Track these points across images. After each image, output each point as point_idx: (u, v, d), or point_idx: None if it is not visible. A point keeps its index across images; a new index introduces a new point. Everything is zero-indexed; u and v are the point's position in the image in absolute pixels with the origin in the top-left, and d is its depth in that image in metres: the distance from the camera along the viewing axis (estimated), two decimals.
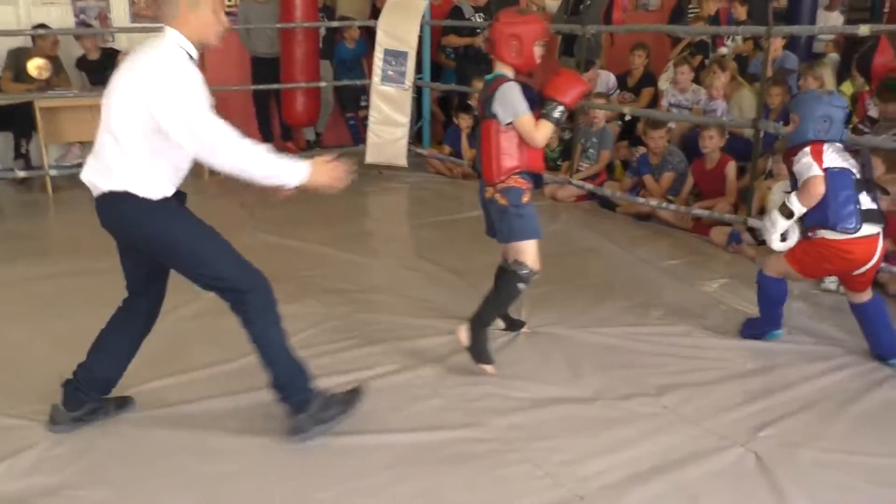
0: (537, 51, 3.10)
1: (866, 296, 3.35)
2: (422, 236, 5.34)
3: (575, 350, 3.46)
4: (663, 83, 6.96)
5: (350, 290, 4.15)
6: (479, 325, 3.21)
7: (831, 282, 4.15)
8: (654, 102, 6.86)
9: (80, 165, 2.70)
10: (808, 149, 3.17)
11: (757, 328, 3.57)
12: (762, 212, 4.82)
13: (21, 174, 6.31)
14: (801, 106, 3.28)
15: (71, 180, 6.55)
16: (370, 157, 6.96)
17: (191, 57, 2.48)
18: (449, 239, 5.08)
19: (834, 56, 7.90)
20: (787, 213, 3.18)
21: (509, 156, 3.11)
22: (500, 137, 3.10)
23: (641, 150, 5.85)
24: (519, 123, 3.07)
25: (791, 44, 7.27)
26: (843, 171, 3.16)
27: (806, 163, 3.14)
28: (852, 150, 3.37)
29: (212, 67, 6.75)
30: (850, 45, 8.23)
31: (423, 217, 5.74)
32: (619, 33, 7.81)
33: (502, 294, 3.26)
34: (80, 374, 2.75)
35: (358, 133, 7.66)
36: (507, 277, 3.24)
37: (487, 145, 3.14)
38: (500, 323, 3.54)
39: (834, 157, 3.16)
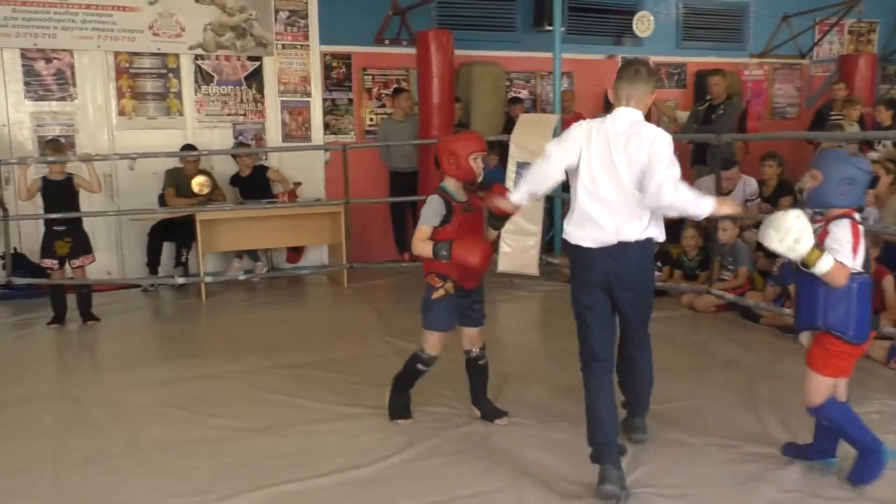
0: (474, 163, 3.50)
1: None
2: (552, 345, 5.28)
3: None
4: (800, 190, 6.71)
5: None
6: (393, 392, 3.79)
7: None
8: None
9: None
10: (849, 224, 2.95)
11: (868, 466, 3.06)
12: None
13: (180, 280, 6.84)
14: (825, 164, 3.06)
15: (221, 285, 7.06)
16: (502, 266, 7.03)
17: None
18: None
19: None
20: (809, 263, 2.90)
21: (429, 259, 3.53)
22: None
23: (784, 259, 5.59)
24: (417, 231, 3.55)
25: None
26: (866, 281, 2.96)
27: (843, 243, 2.91)
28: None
29: (353, 181, 7.20)
30: None
31: (555, 326, 5.69)
32: (755, 141, 7.67)
33: (405, 370, 3.74)
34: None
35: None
36: (411, 357, 3.72)
37: None
38: (475, 411, 3.83)
39: (862, 250, 2.93)
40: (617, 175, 3.06)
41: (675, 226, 7.35)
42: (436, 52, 7.22)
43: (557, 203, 7.61)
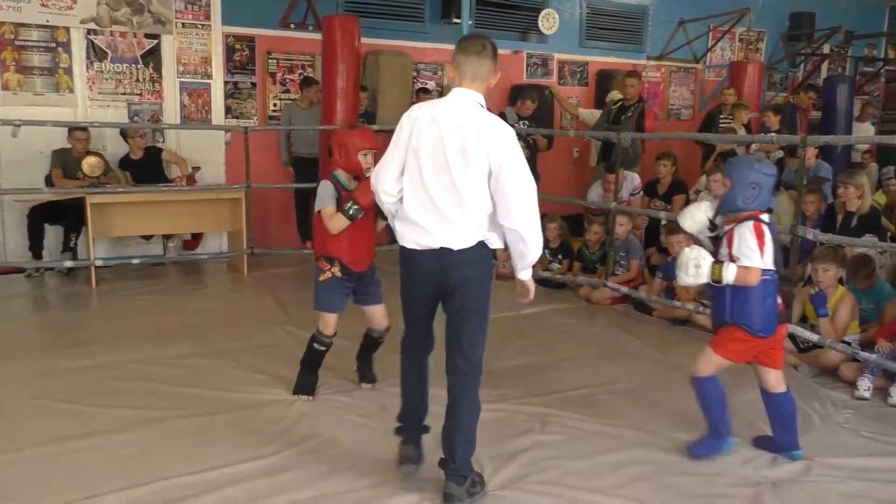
0: (363, 159, 3.65)
1: (782, 387, 3.35)
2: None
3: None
4: (697, 192, 7.04)
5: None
6: (302, 371, 3.93)
7: (865, 389, 4.08)
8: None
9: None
10: (752, 226, 3.16)
11: (710, 446, 3.36)
12: (804, 319, 4.75)
13: (68, 264, 6.49)
14: (733, 170, 3.30)
15: (114, 272, 6.75)
16: None
17: None
18: None
19: (874, 166, 7.98)
20: (717, 279, 3.15)
21: (318, 243, 3.78)
22: (316, 225, 3.78)
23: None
24: (322, 214, 3.68)
25: (826, 153, 7.35)
26: (773, 278, 3.19)
27: (750, 245, 3.13)
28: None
29: (256, 166, 7.02)
30: (885, 155, 8.31)
31: None
32: (651, 140, 7.97)
33: (307, 351, 3.90)
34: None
35: (393, 232, 7.79)
36: (310, 338, 3.90)
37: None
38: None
39: (769, 248, 3.15)
40: (450, 174, 2.78)
41: (577, 220, 7.60)
42: (342, 39, 7.11)
43: None
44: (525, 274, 3.01)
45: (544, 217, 7.24)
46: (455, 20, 8.27)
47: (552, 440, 3.52)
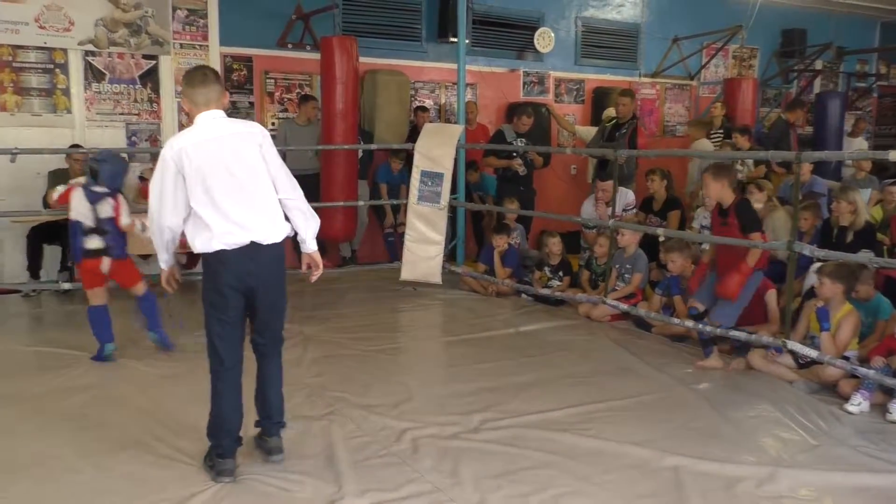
0: None
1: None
2: (452, 352, 5.33)
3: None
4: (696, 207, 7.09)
5: (379, 405, 4.12)
6: None
7: (855, 405, 4.10)
8: (681, 226, 6.94)
9: None
10: None
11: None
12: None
13: (66, 286, 6.48)
14: None
15: (113, 293, 6.72)
16: (405, 274, 7.06)
17: None
18: (477, 356, 5.07)
19: (874, 178, 8.05)
20: None
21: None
22: None
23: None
24: None
25: (819, 168, 7.42)
26: None
27: None
28: None
29: None
30: (878, 171, 8.37)
31: (454, 333, 5.73)
32: (647, 157, 8.02)
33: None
34: None
35: (394, 249, 7.81)
36: None
37: None
38: None
39: None
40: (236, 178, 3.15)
41: (575, 237, 7.61)
42: (340, 58, 7.16)
43: (461, 213, 7.70)
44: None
45: (544, 233, 7.30)
46: (452, 39, 8.34)
47: (553, 459, 3.49)
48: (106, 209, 4.81)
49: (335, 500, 3.05)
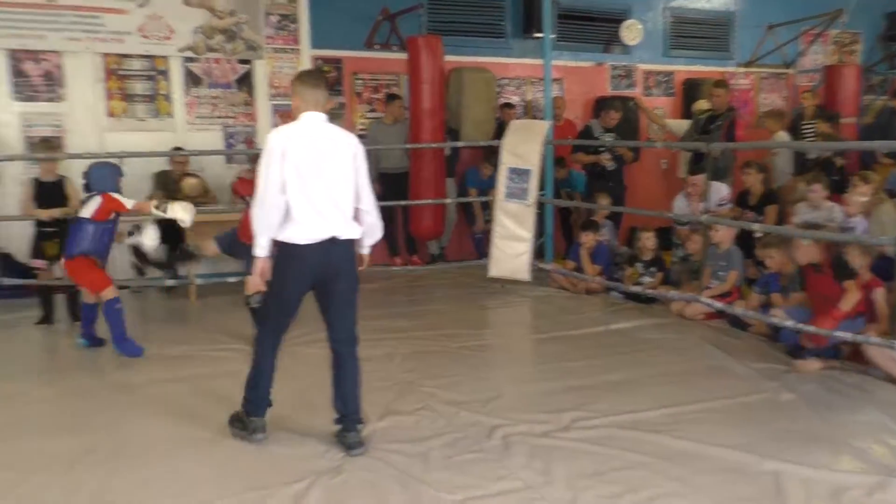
0: None
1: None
2: (541, 350, 5.31)
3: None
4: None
5: (469, 401, 4.15)
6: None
7: None
8: (780, 221, 6.67)
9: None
10: None
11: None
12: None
13: (170, 283, 6.79)
14: None
15: (213, 289, 7.02)
16: (493, 271, 7.08)
17: None
18: (567, 354, 5.03)
19: None
20: None
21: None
22: None
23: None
24: None
25: None
26: None
27: None
28: None
29: None
30: None
31: (543, 331, 5.71)
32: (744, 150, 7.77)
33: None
34: None
35: (482, 247, 7.84)
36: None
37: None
38: None
39: None
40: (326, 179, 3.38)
41: (667, 232, 7.44)
42: (426, 58, 7.24)
43: (549, 209, 7.65)
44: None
45: (637, 229, 7.16)
46: (537, 35, 8.28)
47: (645, 460, 3.44)
48: (89, 209, 5.06)
49: (427, 496, 3.10)
